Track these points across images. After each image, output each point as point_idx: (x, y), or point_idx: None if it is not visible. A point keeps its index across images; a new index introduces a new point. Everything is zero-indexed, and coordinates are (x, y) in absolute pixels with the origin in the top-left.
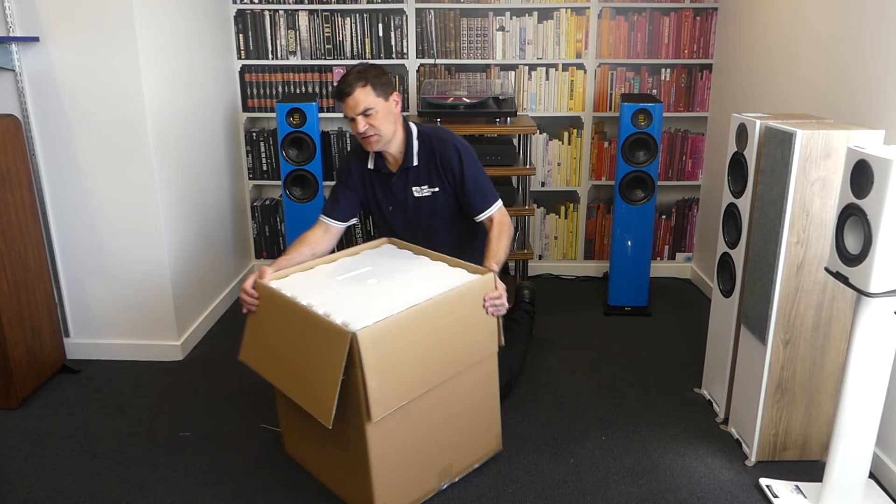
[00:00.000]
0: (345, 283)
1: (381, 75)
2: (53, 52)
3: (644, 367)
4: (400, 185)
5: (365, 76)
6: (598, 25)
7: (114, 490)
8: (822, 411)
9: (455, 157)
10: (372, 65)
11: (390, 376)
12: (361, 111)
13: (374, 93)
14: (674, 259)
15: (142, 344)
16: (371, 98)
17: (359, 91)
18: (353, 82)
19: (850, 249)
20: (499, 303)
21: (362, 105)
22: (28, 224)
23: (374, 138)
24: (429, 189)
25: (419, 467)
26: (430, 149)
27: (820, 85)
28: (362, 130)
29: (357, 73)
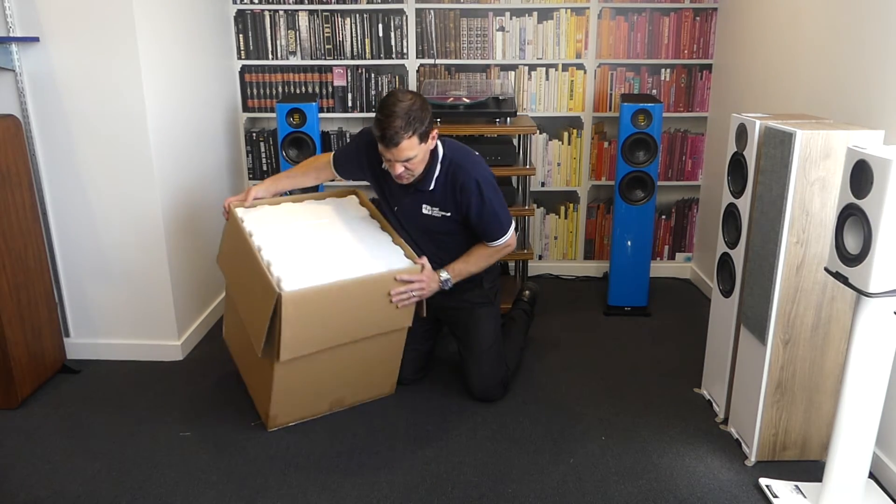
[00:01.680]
0: (298, 231)
1: (424, 118)
2: (53, 52)
3: (644, 367)
4: (409, 199)
5: (412, 126)
6: (597, 25)
7: (114, 490)
8: (821, 411)
9: (475, 192)
10: (415, 97)
11: (303, 331)
12: (403, 159)
13: (419, 141)
14: (674, 259)
15: (142, 344)
16: (415, 147)
17: (406, 142)
18: (401, 132)
19: (850, 249)
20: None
21: (405, 155)
22: (28, 224)
23: (407, 179)
24: (440, 212)
25: (313, 396)
26: (452, 178)
27: (820, 85)
28: (398, 174)
29: (405, 119)
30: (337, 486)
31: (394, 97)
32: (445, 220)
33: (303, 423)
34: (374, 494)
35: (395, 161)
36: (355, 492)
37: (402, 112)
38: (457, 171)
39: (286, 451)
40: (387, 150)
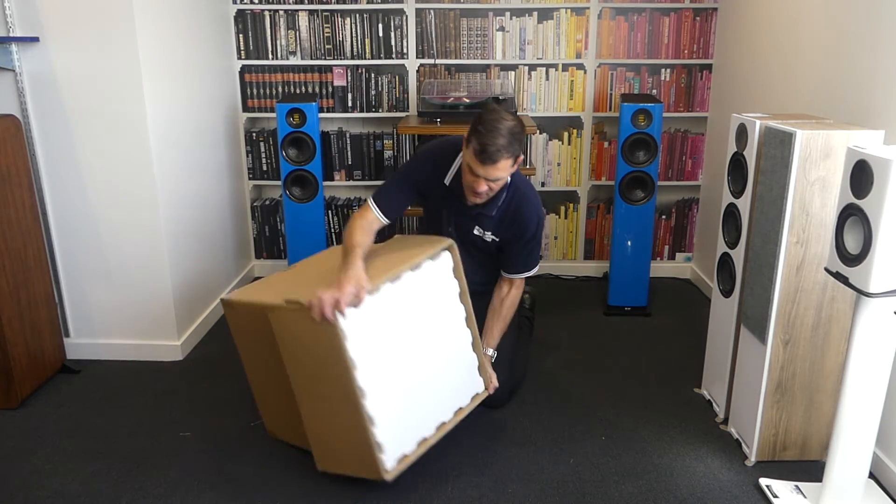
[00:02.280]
0: (399, 353)
1: (522, 142)
2: (53, 52)
3: (644, 367)
4: (466, 219)
5: (512, 147)
6: (598, 25)
7: (114, 490)
8: (821, 411)
9: (533, 228)
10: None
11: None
12: (493, 178)
13: (512, 163)
14: (674, 259)
15: (142, 344)
16: (507, 169)
17: (503, 162)
18: (503, 151)
19: (850, 249)
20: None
21: (497, 174)
22: (28, 224)
23: (483, 199)
24: (491, 236)
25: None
26: (515, 208)
27: (820, 85)
28: (480, 191)
29: (509, 139)
30: (337, 485)
31: (498, 115)
32: (490, 243)
33: None
34: (374, 494)
35: (484, 178)
36: (355, 492)
37: (507, 131)
38: (521, 203)
39: (286, 450)
40: (481, 165)
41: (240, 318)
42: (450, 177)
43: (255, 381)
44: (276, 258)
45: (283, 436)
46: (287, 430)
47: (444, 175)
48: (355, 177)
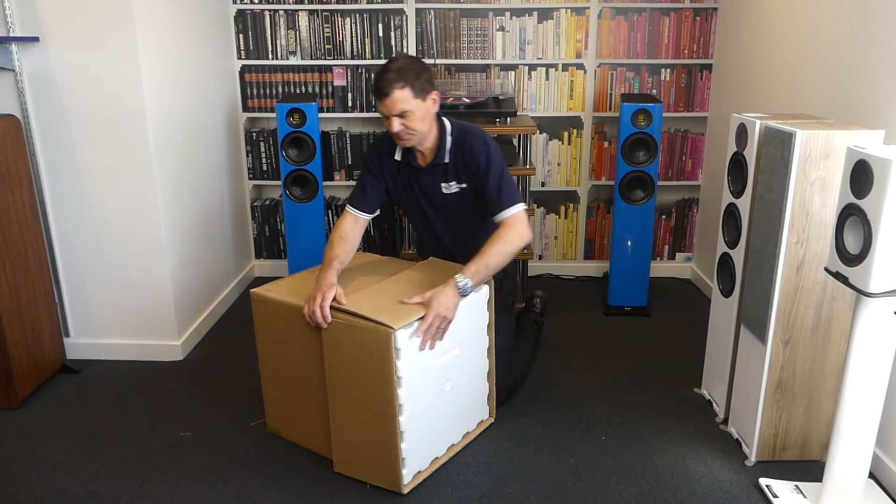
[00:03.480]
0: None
1: (421, 73)
2: (53, 52)
3: (644, 367)
4: (428, 180)
5: (404, 76)
6: (597, 25)
7: (114, 490)
8: (822, 411)
9: (483, 150)
10: (412, 59)
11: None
12: (398, 113)
13: (412, 94)
14: (674, 259)
15: (142, 344)
16: (409, 100)
17: (397, 93)
18: (393, 82)
19: (850, 249)
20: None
21: (399, 107)
22: (28, 224)
23: (408, 138)
24: (457, 185)
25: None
26: (462, 144)
27: (819, 85)
28: (396, 131)
29: (397, 72)
30: (337, 485)
31: (393, 57)
32: (464, 194)
33: None
34: (373, 494)
35: (390, 115)
36: (355, 492)
37: (395, 67)
38: (465, 136)
39: (286, 450)
40: (381, 102)
41: (270, 314)
42: (398, 152)
43: (268, 377)
44: (276, 258)
45: (286, 434)
46: (292, 428)
47: (393, 153)
48: (355, 177)
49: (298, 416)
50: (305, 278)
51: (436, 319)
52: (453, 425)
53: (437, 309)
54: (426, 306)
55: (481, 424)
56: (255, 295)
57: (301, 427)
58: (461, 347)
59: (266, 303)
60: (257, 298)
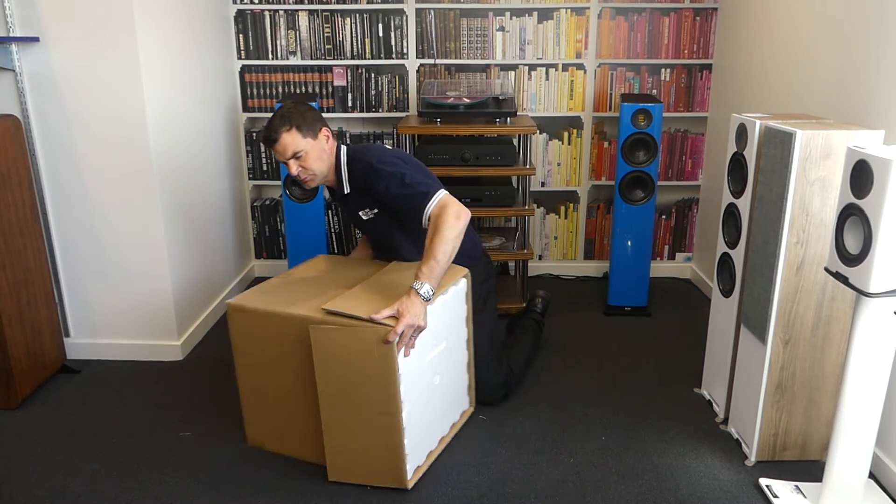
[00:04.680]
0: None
1: (306, 113)
2: (53, 52)
3: (644, 367)
4: (350, 210)
5: (289, 119)
6: (597, 25)
7: (114, 490)
8: (822, 411)
9: (372, 172)
10: (297, 102)
11: None
12: (291, 156)
13: (301, 134)
14: (674, 259)
15: (142, 344)
16: (298, 141)
17: (284, 136)
18: (279, 127)
19: (850, 249)
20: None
21: (290, 150)
22: (28, 224)
23: (309, 180)
24: (370, 211)
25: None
26: (357, 174)
27: (819, 85)
28: (295, 174)
29: (281, 117)
30: (337, 485)
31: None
32: (379, 217)
33: None
34: (373, 494)
35: (284, 160)
36: (355, 492)
37: (280, 114)
38: (356, 166)
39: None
40: (274, 150)
41: (248, 324)
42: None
43: (248, 389)
44: (276, 258)
45: (270, 445)
46: (277, 440)
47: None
48: None
49: (284, 427)
50: (279, 285)
51: (408, 329)
52: (443, 418)
53: (408, 320)
54: (397, 318)
55: (464, 415)
56: (232, 306)
57: (287, 437)
58: (447, 341)
59: (245, 313)
60: (235, 309)
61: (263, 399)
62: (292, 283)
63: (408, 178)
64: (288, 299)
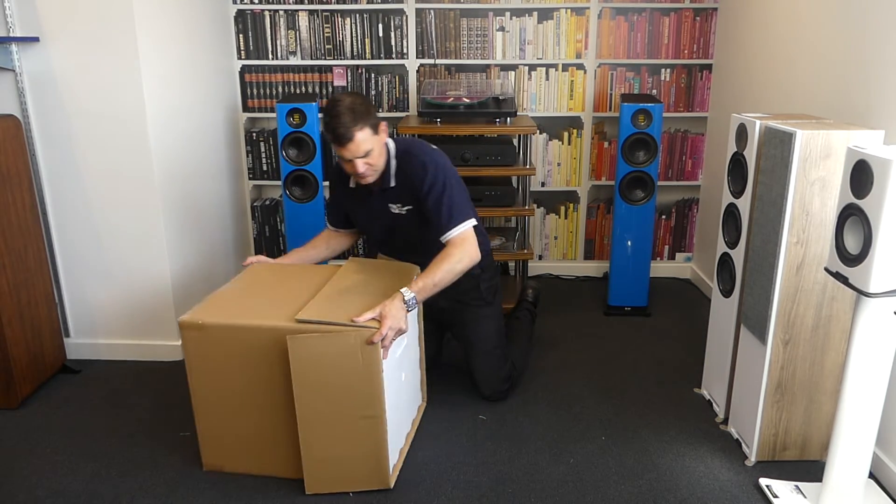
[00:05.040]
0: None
1: (370, 108)
2: (53, 52)
3: (644, 367)
4: (378, 203)
5: (360, 116)
6: (598, 26)
7: (114, 490)
8: (822, 411)
9: (420, 172)
10: (357, 97)
11: None
12: (363, 155)
13: (371, 132)
14: (674, 259)
15: (142, 344)
16: (369, 139)
17: (358, 134)
18: (351, 126)
19: (850, 249)
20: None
21: (363, 148)
22: (28, 224)
23: (371, 176)
24: (404, 207)
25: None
26: (405, 167)
27: (820, 85)
28: (361, 171)
29: (352, 114)
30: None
31: (334, 100)
32: (411, 215)
33: None
34: (374, 494)
35: (354, 159)
36: (355, 492)
37: (346, 108)
38: (408, 159)
39: None
40: (343, 148)
41: (205, 339)
42: (352, 180)
43: (205, 410)
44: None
45: (230, 467)
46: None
47: (348, 181)
48: None
49: (247, 445)
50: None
51: (390, 332)
52: (408, 415)
53: (391, 323)
54: (380, 320)
55: (420, 410)
56: (186, 323)
57: (251, 455)
58: (408, 337)
59: (202, 329)
60: (190, 326)
61: (222, 418)
62: (243, 294)
63: (450, 192)
64: (248, 311)
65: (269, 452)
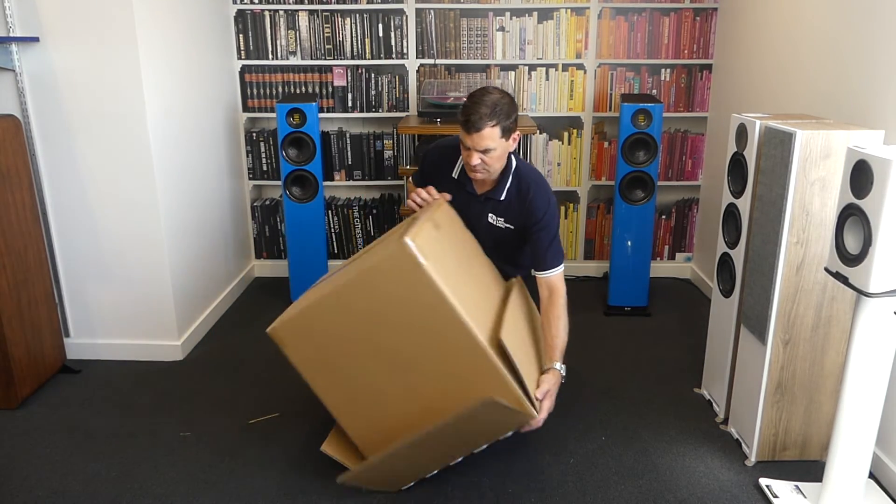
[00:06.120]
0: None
1: (511, 113)
2: (53, 52)
3: (644, 367)
4: (478, 207)
5: (497, 116)
6: (598, 26)
7: (114, 490)
8: (822, 411)
9: (544, 207)
10: (506, 94)
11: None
12: (482, 149)
13: (501, 134)
14: (674, 259)
15: (142, 344)
16: (496, 139)
17: (488, 129)
18: (486, 118)
19: (850, 249)
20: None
21: (485, 144)
22: (28, 224)
23: (482, 173)
24: (504, 223)
25: None
26: (524, 191)
27: (820, 85)
28: (474, 164)
29: (492, 109)
30: (337, 485)
31: (485, 89)
32: (508, 232)
33: (301, 424)
34: (374, 494)
35: (473, 150)
36: (356, 492)
37: (490, 102)
38: (529, 185)
39: (286, 451)
40: (468, 135)
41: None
42: (457, 171)
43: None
44: (276, 258)
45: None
46: (385, 440)
47: (452, 169)
48: (355, 177)
49: (391, 421)
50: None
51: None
52: None
53: (549, 408)
54: (542, 400)
55: None
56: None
57: (393, 434)
58: None
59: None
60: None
61: (359, 402)
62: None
63: (557, 233)
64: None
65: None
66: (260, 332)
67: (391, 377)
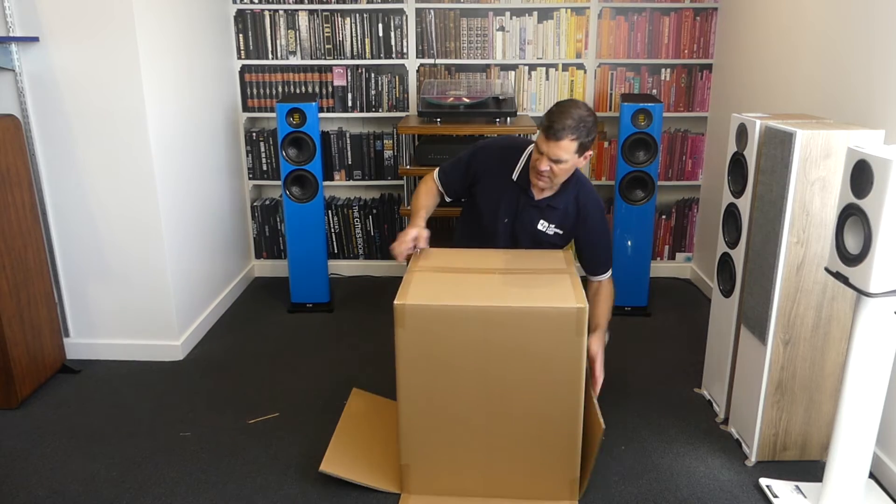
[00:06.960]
0: None
1: (592, 131)
2: (53, 52)
3: (644, 367)
4: (532, 213)
5: (579, 130)
6: (598, 25)
7: (114, 490)
8: (822, 411)
9: (597, 214)
10: (591, 112)
11: None
12: (555, 158)
13: (576, 150)
14: (674, 259)
15: (142, 344)
16: (571, 153)
17: (567, 142)
18: (568, 130)
19: (850, 249)
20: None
21: (560, 154)
22: (28, 224)
23: (545, 182)
24: (554, 228)
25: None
26: (581, 202)
27: (820, 85)
28: (542, 170)
29: (577, 122)
30: (337, 485)
31: (574, 101)
32: (556, 237)
33: (301, 424)
34: (374, 494)
35: (546, 156)
36: (355, 492)
37: (577, 116)
38: (584, 194)
39: (286, 451)
40: (546, 141)
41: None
42: (517, 173)
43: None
44: (276, 258)
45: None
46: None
47: (512, 171)
48: (355, 177)
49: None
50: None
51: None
52: None
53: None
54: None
55: None
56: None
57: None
58: None
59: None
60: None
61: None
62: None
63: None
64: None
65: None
66: (260, 331)
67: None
